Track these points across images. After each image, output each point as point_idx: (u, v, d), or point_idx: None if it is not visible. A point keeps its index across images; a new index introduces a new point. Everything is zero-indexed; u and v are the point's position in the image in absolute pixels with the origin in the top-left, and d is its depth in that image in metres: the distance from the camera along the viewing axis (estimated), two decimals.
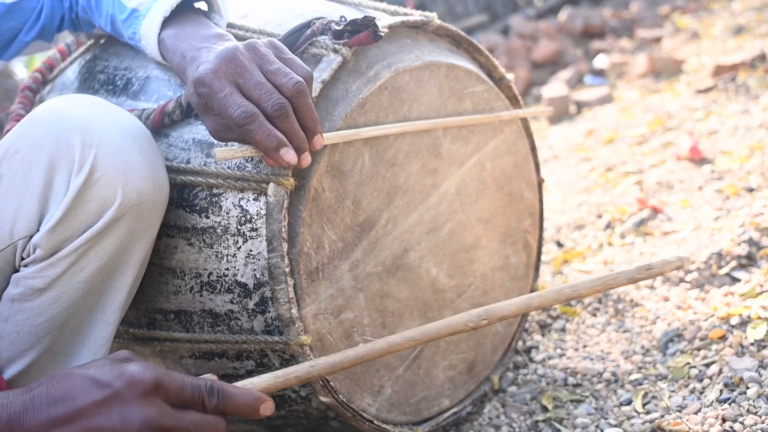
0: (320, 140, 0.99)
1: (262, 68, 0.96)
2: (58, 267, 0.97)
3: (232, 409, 0.76)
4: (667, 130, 2.55)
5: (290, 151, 0.95)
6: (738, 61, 2.83)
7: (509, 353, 1.45)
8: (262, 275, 1.05)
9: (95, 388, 0.71)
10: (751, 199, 1.78)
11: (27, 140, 0.96)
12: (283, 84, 0.94)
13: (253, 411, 0.77)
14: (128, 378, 0.71)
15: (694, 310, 1.48)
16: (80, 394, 0.70)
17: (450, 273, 1.29)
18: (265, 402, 0.77)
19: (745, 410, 1.15)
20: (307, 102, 0.96)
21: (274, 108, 0.93)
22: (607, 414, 1.30)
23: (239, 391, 0.77)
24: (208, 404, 0.74)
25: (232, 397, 0.76)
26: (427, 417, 1.30)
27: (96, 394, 0.70)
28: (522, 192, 1.41)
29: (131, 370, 0.72)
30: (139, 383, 0.71)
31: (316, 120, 0.98)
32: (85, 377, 0.72)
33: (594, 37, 4.57)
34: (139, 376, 0.71)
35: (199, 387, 0.75)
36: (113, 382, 0.71)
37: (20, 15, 1.21)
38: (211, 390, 0.75)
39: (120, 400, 0.70)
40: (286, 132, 0.95)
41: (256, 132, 0.93)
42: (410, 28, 1.24)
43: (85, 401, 0.70)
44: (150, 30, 1.09)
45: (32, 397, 0.71)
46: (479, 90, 1.28)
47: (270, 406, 0.77)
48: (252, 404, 0.76)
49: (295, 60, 1.00)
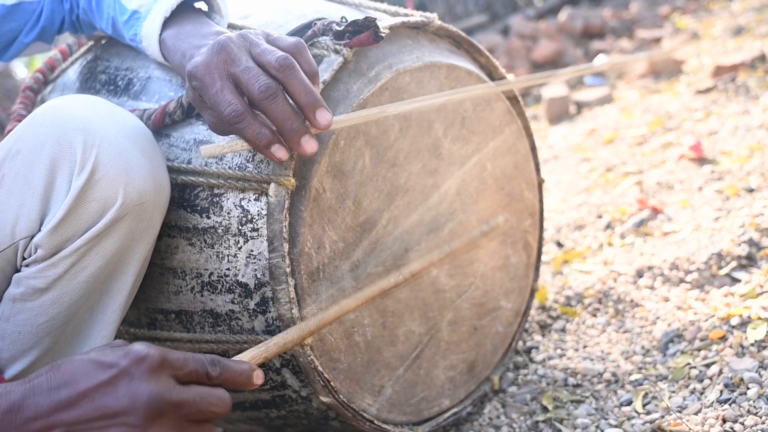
0: (325, 114, 0.93)
1: (251, 52, 0.94)
2: (59, 267, 0.97)
3: (232, 378, 0.78)
4: (667, 131, 2.55)
5: (281, 149, 0.94)
6: (738, 61, 2.83)
7: (509, 353, 1.45)
8: (263, 275, 1.05)
9: (100, 369, 0.72)
10: (751, 200, 1.78)
11: (29, 140, 0.96)
12: (268, 62, 0.92)
13: (248, 379, 0.80)
14: (134, 355, 0.72)
15: (695, 310, 1.48)
16: (84, 377, 0.71)
17: (450, 273, 1.29)
18: (256, 370, 0.80)
19: (745, 411, 1.16)
20: (295, 75, 0.92)
21: (260, 90, 0.91)
22: (607, 414, 1.30)
23: (235, 361, 0.80)
24: (212, 374, 0.76)
25: (230, 368, 0.78)
26: (427, 417, 1.30)
27: (101, 375, 0.71)
28: (522, 192, 1.41)
29: (136, 348, 0.73)
30: (146, 359, 0.72)
31: (311, 93, 0.92)
32: (87, 360, 0.73)
33: (594, 38, 4.57)
34: (144, 353, 0.72)
35: (202, 360, 0.76)
36: (119, 361, 0.72)
37: (20, 17, 1.21)
38: (213, 362, 0.77)
39: (127, 377, 0.71)
40: (277, 115, 0.92)
41: (246, 130, 0.93)
42: (411, 28, 1.24)
43: (89, 383, 0.71)
44: (151, 31, 1.09)
45: (33, 386, 0.71)
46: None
47: (260, 375, 0.81)
48: (247, 372, 0.80)
49: (281, 37, 0.97)
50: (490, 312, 1.38)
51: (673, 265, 1.63)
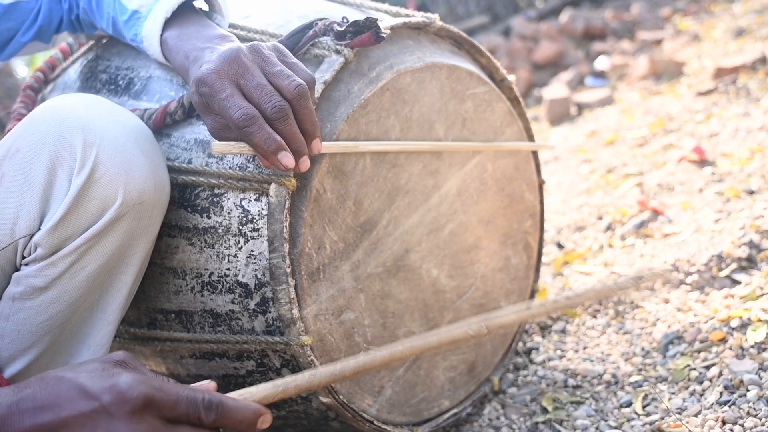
0: (318, 145, 1.00)
1: (264, 70, 0.96)
2: (59, 266, 0.97)
3: (232, 423, 0.71)
4: (668, 132, 2.55)
5: (288, 155, 0.95)
6: (739, 63, 2.83)
7: (509, 354, 1.45)
8: (264, 275, 1.05)
9: (83, 398, 0.67)
10: (752, 202, 1.78)
11: (28, 139, 0.96)
12: (285, 86, 0.94)
13: (251, 425, 0.72)
14: (116, 393, 0.67)
15: (695, 312, 1.48)
16: (67, 403, 0.67)
17: (451, 274, 1.29)
18: (263, 415, 0.73)
19: (745, 413, 1.16)
20: (307, 105, 0.96)
21: (275, 110, 0.93)
22: (607, 416, 1.30)
23: (238, 405, 0.72)
24: (204, 420, 0.70)
25: (230, 412, 0.71)
26: (427, 418, 1.30)
27: (82, 405, 0.67)
28: (523, 193, 1.41)
29: (121, 384, 0.67)
30: (128, 401, 0.66)
31: (316, 124, 0.98)
32: (74, 384, 0.68)
33: (595, 39, 4.57)
34: (129, 393, 0.67)
35: (196, 401, 0.70)
36: (101, 395, 0.67)
37: (17, 16, 1.21)
38: (210, 405, 0.70)
39: (107, 415, 0.66)
40: (285, 135, 0.95)
41: (255, 134, 0.93)
42: (412, 29, 1.24)
43: (71, 411, 0.66)
44: (152, 31, 1.09)
45: (18, 400, 0.67)
46: (481, 91, 1.28)
47: (268, 419, 0.73)
48: (250, 418, 0.72)
49: (298, 64, 1.00)
50: (491, 313, 1.38)
51: (674, 266, 1.62)
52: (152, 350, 1.21)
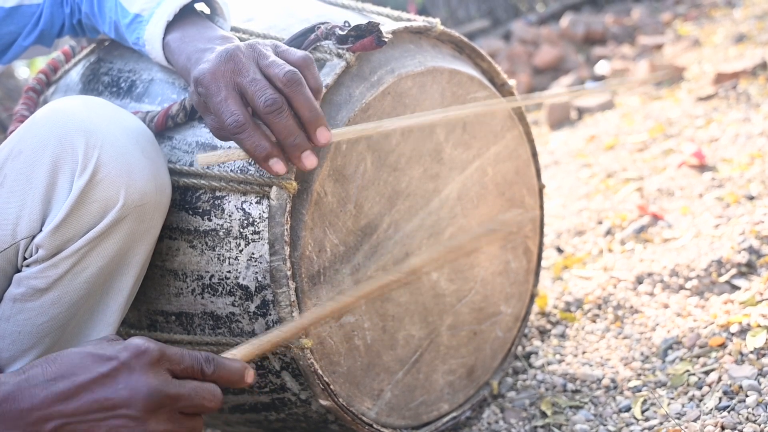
0: (325, 133, 0.95)
1: (259, 64, 0.95)
2: (60, 267, 0.98)
3: (226, 375, 0.80)
4: (668, 137, 2.55)
5: (278, 162, 0.94)
6: (739, 69, 2.83)
7: (508, 358, 1.45)
8: (264, 278, 1.05)
9: (99, 361, 0.73)
10: (752, 207, 1.78)
11: (30, 141, 0.96)
12: (275, 75, 0.93)
13: (241, 377, 0.81)
14: (134, 349, 0.74)
15: (694, 317, 1.48)
16: (82, 369, 0.72)
17: (450, 277, 1.29)
18: (247, 368, 0.82)
19: (744, 418, 1.16)
20: (302, 92, 0.93)
21: (267, 104, 0.91)
22: (605, 420, 1.30)
23: (228, 360, 0.81)
24: (206, 371, 0.78)
25: (224, 365, 0.80)
26: (426, 421, 1.30)
27: (100, 368, 0.72)
28: (523, 197, 1.41)
29: (135, 342, 0.75)
30: (146, 353, 0.74)
31: (316, 110, 0.94)
32: (85, 353, 0.74)
33: (595, 44, 4.58)
34: (144, 347, 0.74)
35: (197, 357, 0.78)
36: (118, 354, 0.73)
37: (19, 19, 1.21)
38: (208, 359, 0.79)
39: (127, 370, 0.72)
40: (281, 130, 0.93)
41: (245, 141, 0.93)
42: (413, 33, 1.25)
43: (88, 375, 0.72)
44: (154, 35, 1.09)
45: (27, 377, 0.72)
46: (481, 96, 1.29)
47: (252, 373, 0.82)
48: (240, 371, 0.81)
49: (290, 50, 0.98)
50: (490, 317, 1.38)
51: (673, 271, 1.63)
52: None
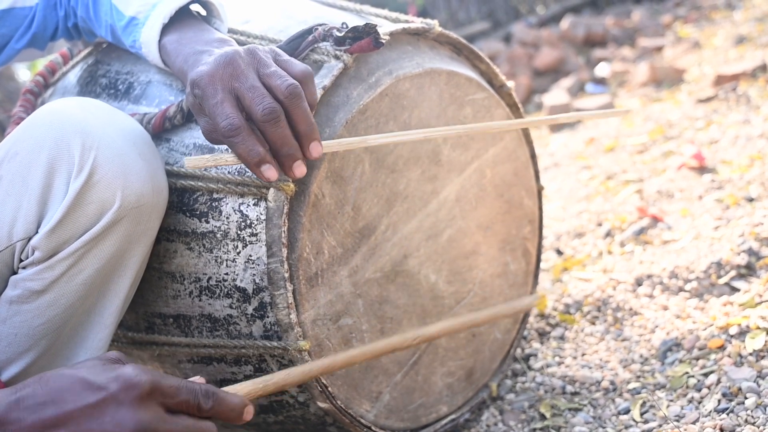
0: (318, 147, 0.96)
1: (258, 72, 0.95)
2: (56, 269, 0.97)
3: (224, 412, 0.77)
4: (668, 139, 2.55)
5: (271, 168, 0.93)
6: (739, 71, 2.83)
7: (508, 361, 1.45)
8: (262, 280, 1.05)
9: (88, 390, 0.69)
10: (751, 209, 1.78)
11: (27, 142, 0.96)
12: (277, 86, 0.93)
13: (239, 416, 0.79)
14: (124, 381, 0.70)
15: (693, 319, 1.48)
16: (71, 397, 0.69)
17: (449, 280, 1.29)
18: (248, 406, 0.80)
19: (743, 420, 1.15)
20: (300, 105, 0.93)
21: (265, 112, 0.91)
22: (604, 423, 1.29)
23: (229, 395, 0.79)
24: (203, 406, 0.75)
25: (224, 401, 0.77)
26: (425, 423, 1.30)
27: (89, 397, 0.69)
28: (522, 199, 1.41)
29: (127, 372, 0.71)
30: (136, 386, 0.70)
31: (311, 124, 0.95)
32: (77, 379, 0.70)
33: (596, 46, 4.58)
34: (136, 380, 0.70)
35: (195, 390, 0.75)
36: (108, 384, 0.70)
37: (11, 22, 1.20)
38: (207, 393, 0.76)
39: (115, 403, 0.69)
40: (275, 139, 0.93)
41: (238, 145, 0.92)
42: (411, 35, 1.24)
43: (76, 404, 0.69)
44: (150, 37, 1.08)
45: (18, 398, 0.69)
46: (480, 97, 1.28)
47: (251, 411, 0.81)
48: (240, 407, 0.79)
49: (291, 61, 0.98)
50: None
51: (673, 273, 1.62)
52: (150, 355, 1.21)
